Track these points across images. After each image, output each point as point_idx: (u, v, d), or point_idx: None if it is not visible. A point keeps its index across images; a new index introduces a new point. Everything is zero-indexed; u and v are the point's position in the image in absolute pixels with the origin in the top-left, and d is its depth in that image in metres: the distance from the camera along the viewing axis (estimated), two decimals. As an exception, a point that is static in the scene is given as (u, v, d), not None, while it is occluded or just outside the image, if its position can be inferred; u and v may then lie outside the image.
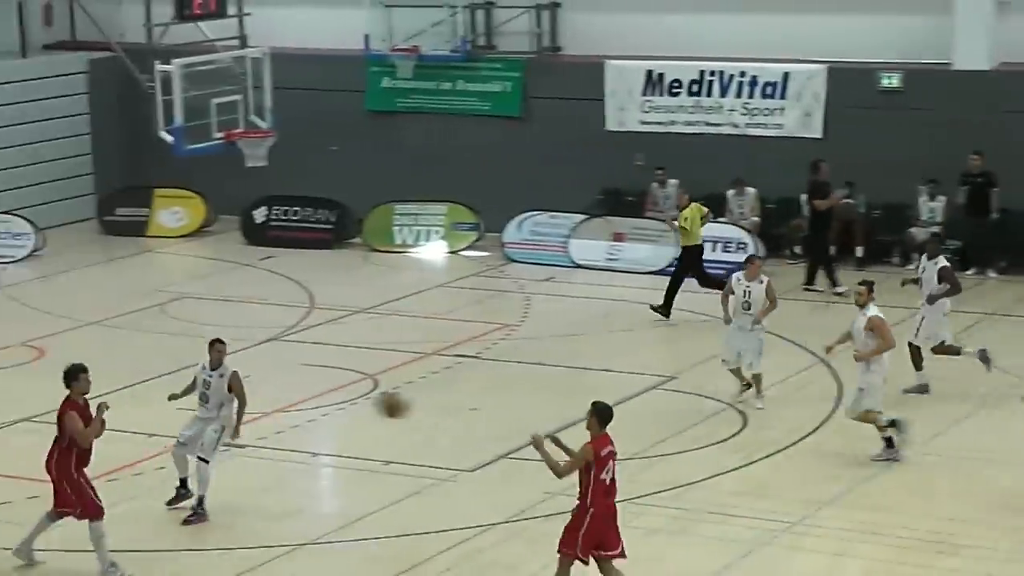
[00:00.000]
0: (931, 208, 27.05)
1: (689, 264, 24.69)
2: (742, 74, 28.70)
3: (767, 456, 18.50)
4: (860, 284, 18.37)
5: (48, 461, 15.59)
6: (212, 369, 17.02)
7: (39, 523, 15.71)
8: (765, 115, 28.62)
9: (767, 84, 28.59)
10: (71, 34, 32.38)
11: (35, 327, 24.29)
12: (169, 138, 24.74)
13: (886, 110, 27.69)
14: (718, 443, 18.90)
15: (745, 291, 20.16)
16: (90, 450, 15.46)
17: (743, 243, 27.26)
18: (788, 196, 27.87)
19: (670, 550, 16.10)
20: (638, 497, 17.10)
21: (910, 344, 20.25)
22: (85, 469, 15.49)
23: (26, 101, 30.89)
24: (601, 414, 14.04)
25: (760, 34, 28.71)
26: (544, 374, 21.71)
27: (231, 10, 26.51)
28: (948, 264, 20.68)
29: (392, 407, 15.97)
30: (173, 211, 31.06)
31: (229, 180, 29.77)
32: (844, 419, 18.77)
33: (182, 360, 20.43)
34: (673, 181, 28.38)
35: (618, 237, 27.98)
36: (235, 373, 17.00)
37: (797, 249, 27.78)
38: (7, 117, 30.53)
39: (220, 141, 25.43)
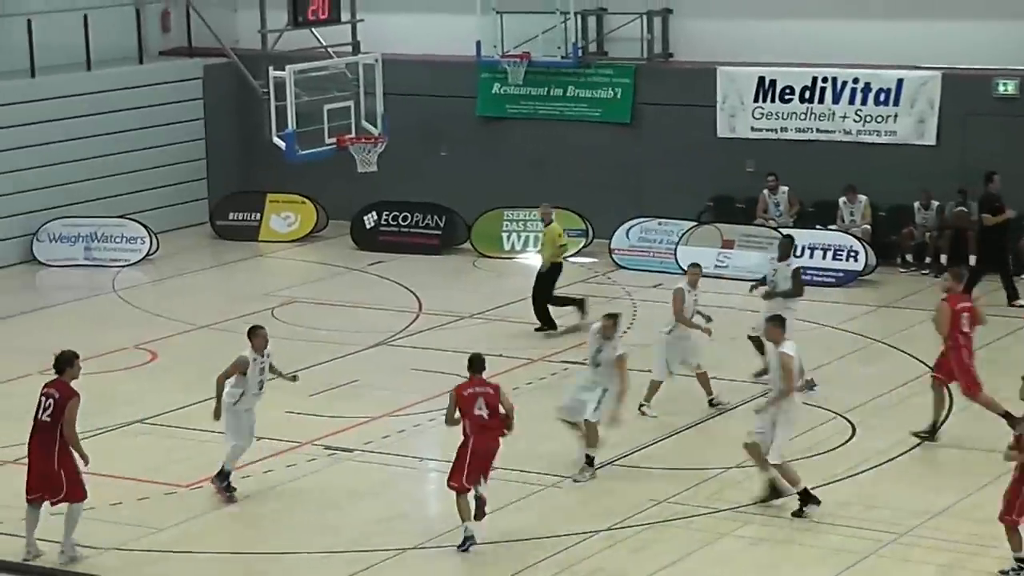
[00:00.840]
0: (1047, 217, 26.67)
1: (545, 282, 24.28)
2: (855, 80, 28.47)
3: (876, 466, 18.33)
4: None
5: (45, 447, 15.79)
6: (261, 354, 17.62)
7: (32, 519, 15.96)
8: (878, 122, 28.36)
9: (880, 91, 28.33)
10: (187, 40, 32.77)
11: (148, 330, 24.62)
12: (282, 144, 24.95)
13: (1002, 117, 27.34)
14: (826, 452, 18.75)
15: (695, 299, 20.71)
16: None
17: (855, 251, 27.04)
18: (900, 204, 27.62)
19: (777, 560, 15.98)
20: (744, 506, 17.00)
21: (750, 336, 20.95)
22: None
23: (142, 107, 31.32)
24: (469, 362, 16.35)
25: (874, 40, 28.46)
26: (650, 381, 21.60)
27: (344, 16, 26.70)
28: (800, 268, 21.52)
29: None
30: (284, 216, 31.34)
31: (340, 185, 30.03)
32: (955, 429, 18.54)
33: (290, 364, 20.61)
34: (784, 188, 28.22)
35: (727, 244, 27.84)
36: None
37: (909, 257, 27.51)
38: (124, 122, 30.97)
39: (332, 147, 25.61)
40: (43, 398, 15.96)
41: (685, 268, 22.04)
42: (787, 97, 28.96)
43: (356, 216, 30.66)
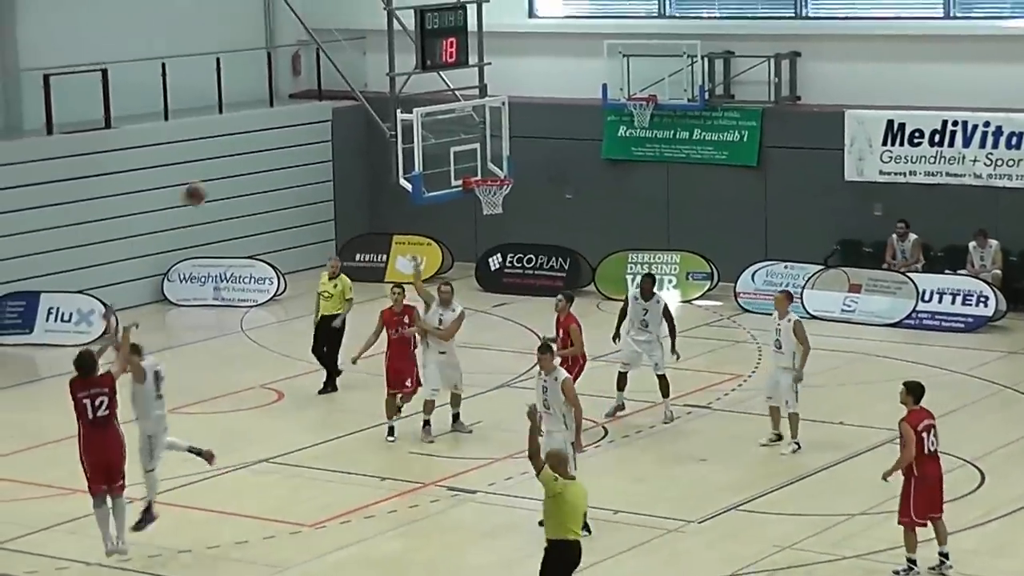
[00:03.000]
0: None
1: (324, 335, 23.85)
2: (986, 124, 28.13)
3: (1008, 514, 18.02)
4: None
5: (110, 439, 16.46)
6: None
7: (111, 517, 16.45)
8: (1009, 166, 27.99)
9: (1012, 134, 27.97)
10: (317, 84, 33.17)
11: (274, 370, 24.87)
12: (408, 186, 25.13)
13: None
14: (956, 499, 18.47)
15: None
16: None
17: (984, 296, 26.68)
18: (1035, 249, 27.29)
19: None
20: (871, 553, 16.81)
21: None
22: None
23: (272, 149, 31.73)
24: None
25: (1005, 83, 28.13)
26: (770, 426, 21.48)
27: (472, 60, 26.89)
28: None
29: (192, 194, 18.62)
30: (410, 257, 31.47)
31: (465, 227, 30.16)
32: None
33: (415, 404, 20.80)
34: (913, 236, 27.95)
35: (855, 288, 27.59)
36: None
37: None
38: (254, 164, 31.40)
39: (458, 189, 25.75)
40: (89, 399, 16.38)
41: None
42: (916, 140, 28.68)
43: (481, 258, 30.80)
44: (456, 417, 21.24)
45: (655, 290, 22.43)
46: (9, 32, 29.40)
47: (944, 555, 16.18)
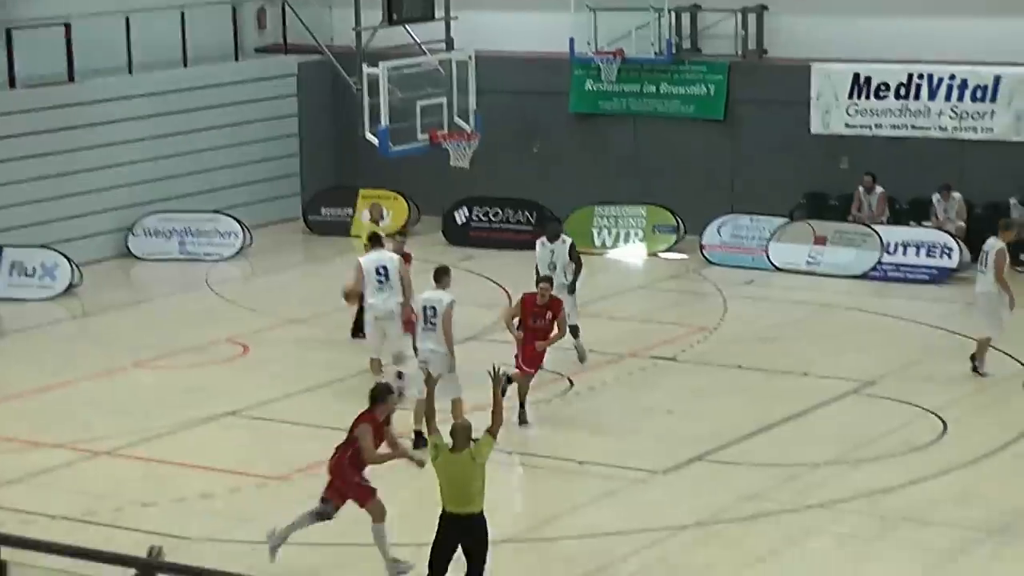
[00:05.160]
0: None
1: None
2: (951, 77, 28.16)
3: (969, 463, 18.14)
4: None
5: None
6: None
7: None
8: (975, 119, 28.05)
9: (977, 87, 28.01)
10: (283, 38, 33.03)
11: (240, 324, 24.83)
12: (375, 140, 25.04)
13: (1101, 114, 27.01)
14: (918, 449, 18.60)
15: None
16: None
17: (948, 248, 26.77)
18: (996, 201, 27.32)
19: (866, 556, 15.88)
20: (835, 502, 16.90)
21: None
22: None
23: (238, 103, 31.59)
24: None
25: (971, 36, 28.16)
26: (741, 378, 21.57)
27: (438, 14, 26.79)
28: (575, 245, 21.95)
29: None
30: (376, 211, 31.42)
31: (432, 181, 30.11)
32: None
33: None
34: (880, 189, 27.99)
35: (820, 241, 27.66)
36: None
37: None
38: (219, 118, 31.26)
39: (424, 143, 25.69)
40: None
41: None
42: (882, 94, 28.72)
43: (448, 212, 30.75)
44: (400, 375, 20.89)
45: (562, 233, 22.41)
46: (-29, -14, 29.22)
47: None
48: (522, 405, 19.65)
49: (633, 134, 30.62)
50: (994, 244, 21.27)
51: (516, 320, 19.98)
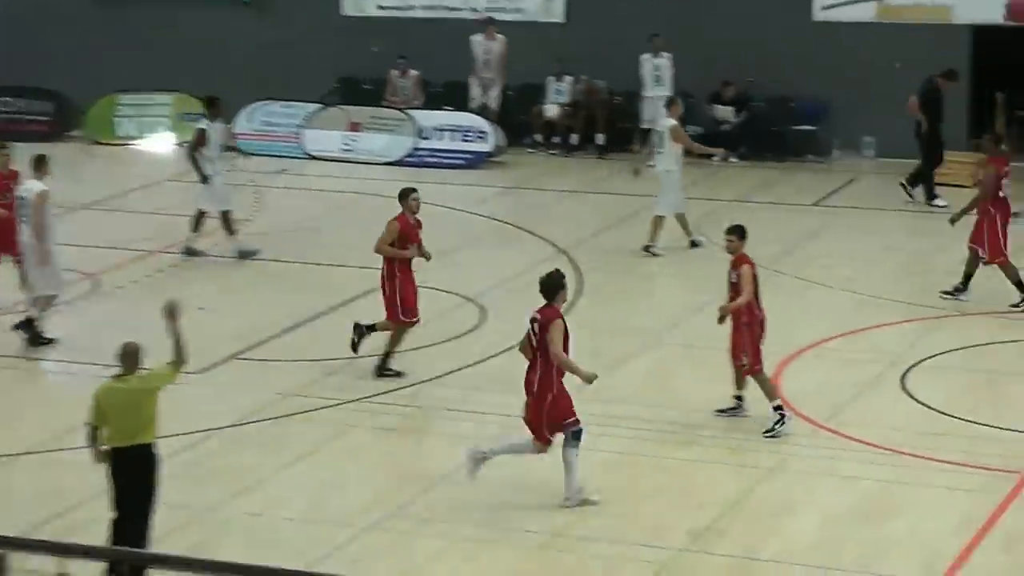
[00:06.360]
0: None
1: None
2: (480, -42, 27.97)
3: (506, 350, 17.87)
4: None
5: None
6: None
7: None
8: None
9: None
10: None
11: None
12: None
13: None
14: (459, 336, 18.32)
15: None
16: None
17: (483, 132, 26.79)
18: (530, 83, 27.38)
19: (406, 448, 15.68)
20: (373, 396, 16.49)
21: None
22: None
23: None
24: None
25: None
26: (277, 270, 20.93)
27: None
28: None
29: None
30: None
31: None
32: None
33: None
34: (414, 72, 27.64)
35: (354, 127, 27.17)
36: None
37: (538, 137, 27.36)
38: None
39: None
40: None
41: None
42: (412, -26, 28.29)
43: (-43, 103, 28.85)
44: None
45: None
46: None
47: None
48: None
49: (156, 18, 29.20)
50: (667, 123, 21.38)
51: None
